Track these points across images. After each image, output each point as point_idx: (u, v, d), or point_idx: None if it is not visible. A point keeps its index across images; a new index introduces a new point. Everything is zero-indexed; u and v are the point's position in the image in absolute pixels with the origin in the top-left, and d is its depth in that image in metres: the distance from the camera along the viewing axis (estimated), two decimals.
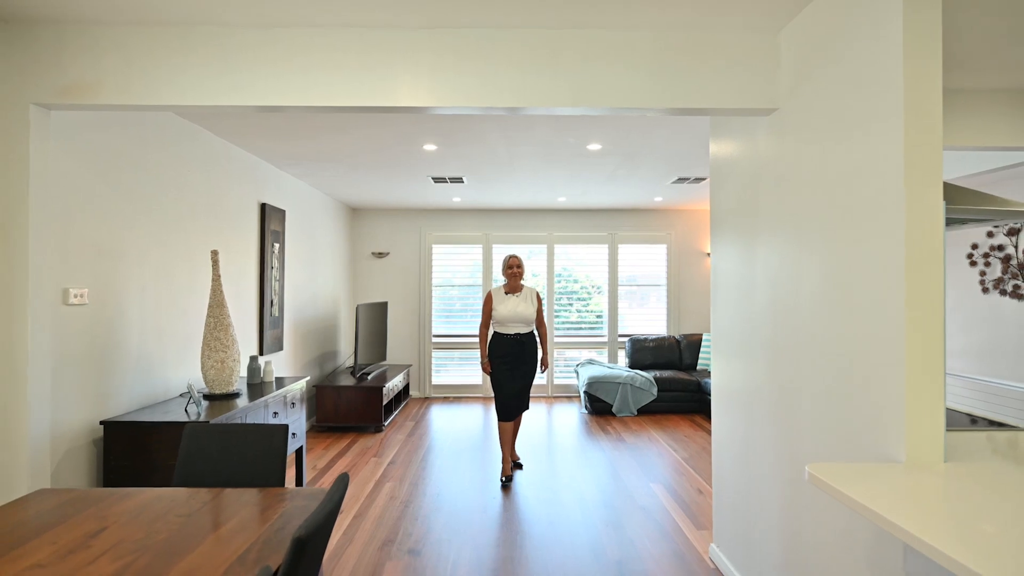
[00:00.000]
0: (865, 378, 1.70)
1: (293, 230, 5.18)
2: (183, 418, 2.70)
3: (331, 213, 6.36)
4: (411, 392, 7.29)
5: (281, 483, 1.96)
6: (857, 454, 1.72)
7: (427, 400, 7.11)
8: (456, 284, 7.35)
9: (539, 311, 4.17)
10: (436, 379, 7.34)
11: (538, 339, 4.20)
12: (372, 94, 2.25)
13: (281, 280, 4.82)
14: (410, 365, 6.96)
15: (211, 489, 1.79)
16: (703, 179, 5.31)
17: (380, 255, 7.25)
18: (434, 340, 7.32)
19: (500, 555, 2.95)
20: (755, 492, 2.45)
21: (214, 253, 3.22)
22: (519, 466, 4.34)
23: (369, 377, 5.82)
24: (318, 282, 5.90)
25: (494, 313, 4.09)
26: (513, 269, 4.14)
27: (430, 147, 4.11)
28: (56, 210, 2.49)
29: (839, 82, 1.85)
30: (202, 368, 3.15)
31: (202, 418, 2.71)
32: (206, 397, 3.15)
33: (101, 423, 2.64)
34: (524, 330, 4.07)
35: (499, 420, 4.08)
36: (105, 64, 2.22)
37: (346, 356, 6.89)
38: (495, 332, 4.10)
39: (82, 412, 2.63)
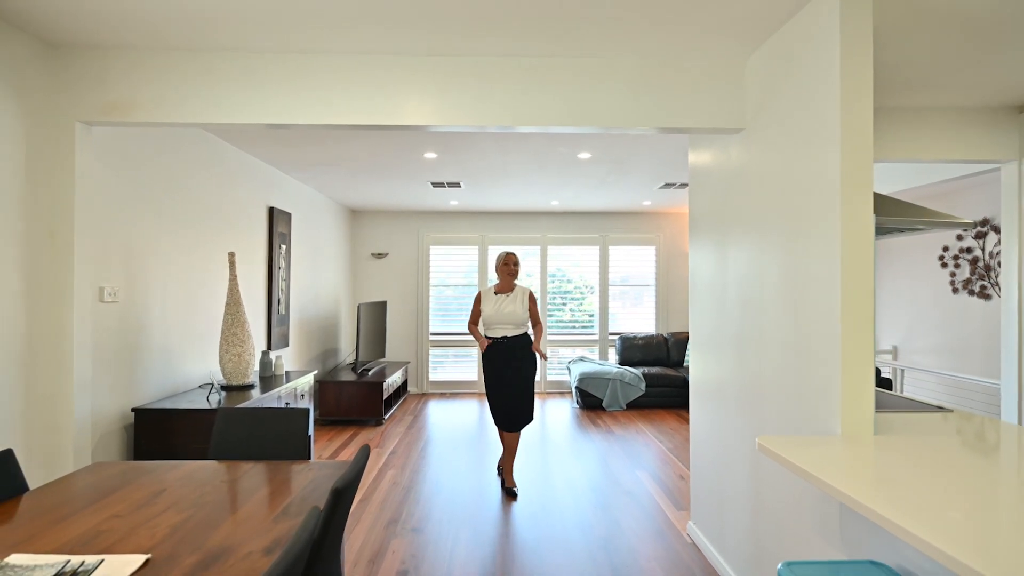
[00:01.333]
0: (811, 367, 1.97)
1: (298, 232, 5.42)
2: (204, 406, 2.96)
3: (333, 215, 6.61)
4: (409, 388, 7.54)
5: (306, 459, 2.22)
6: (807, 432, 2.00)
7: (424, 396, 7.37)
8: (453, 284, 7.61)
9: (533, 312, 3.92)
10: (433, 376, 7.60)
11: (532, 337, 3.95)
12: (382, 114, 2.51)
13: (288, 280, 5.07)
14: (408, 362, 7.21)
15: (247, 461, 2.05)
16: (687, 185, 5.59)
17: (379, 256, 7.50)
18: (431, 338, 7.57)
19: (497, 532, 3.22)
20: (726, 473, 2.73)
21: (231, 255, 3.47)
22: (513, 494, 3.81)
23: (369, 373, 6.07)
24: (320, 282, 6.15)
25: (482, 313, 3.89)
26: (510, 267, 3.90)
27: (430, 155, 4.37)
28: (94, 215, 2.74)
29: (792, 106, 2.13)
30: (220, 361, 3.40)
31: (223, 406, 2.96)
32: (223, 388, 3.39)
33: (132, 410, 2.89)
34: (512, 332, 3.82)
35: (498, 428, 3.92)
36: (143, 85, 2.47)
37: (346, 353, 7.14)
38: (484, 335, 3.90)
39: (115, 400, 2.88)
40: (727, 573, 2.66)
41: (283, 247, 4.96)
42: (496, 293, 3.92)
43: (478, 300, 3.97)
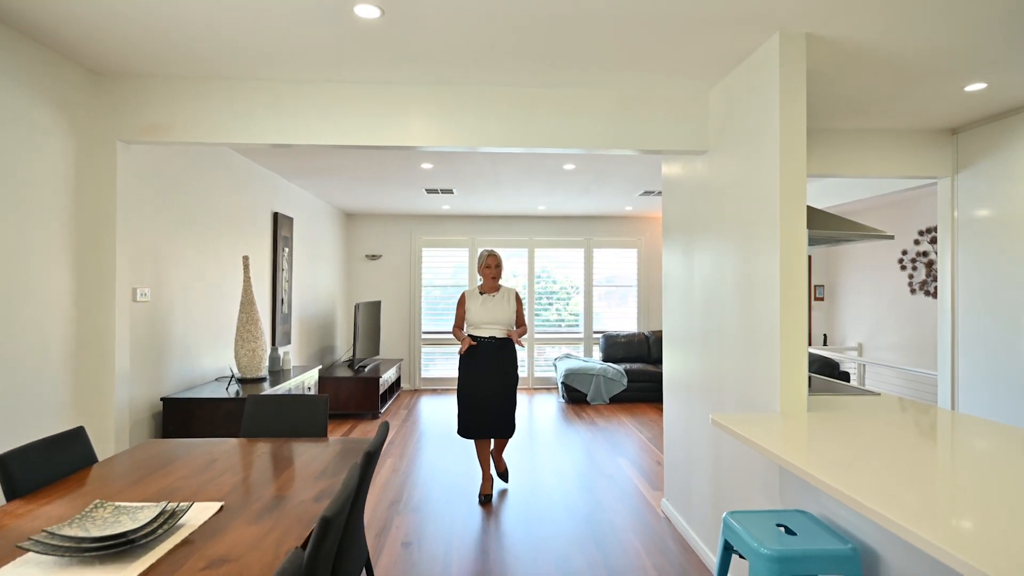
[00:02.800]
0: (758, 357, 2.35)
1: (299, 236, 5.72)
2: (223, 396, 3.26)
3: (329, 219, 6.91)
4: (402, 384, 7.86)
5: (324, 439, 2.54)
6: (755, 412, 2.38)
7: (417, 392, 7.69)
8: (444, 284, 7.94)
9: (519, 313, 3.78)
10: (425, 372, 7.92)
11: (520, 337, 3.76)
12: (391, 136, 2.84)
13: (290, 281, 5.37)
14: (401, 359, 7.52)
15: (277, 439, 2.37)
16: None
17: (373, 257, 7.81)
18: (423, 336, 7.89)
19: (489, 511, 3.57)
20: (693, 454, 3.10)
21: (245, 259, 3.77)
22: (503, 476, 3.92)
23: (366, 369, 6.38)
24: (319, 282, 6.44)
25: (467, 315, 3.72)
26: (491, 268, 3.72)
27: (427, 166, 4.70)
28: (129, 223, 3.03)
29: (744, 132, 2.50)
30: (235, 356, 3.70)
31: (240, 395, 3.27)
32: (238, 381, 3.69)
33: (161, 399, 3.19)
34: (500, 334, 3.67)
35: (459, 434, 3.70)
36: (179, 109, 2.77)
37: (341, 350, 7.43)
38: (469, 335, 3.72)
39: (144, 391, 3.17)
40: (693, 539, 3.03)
41: (286, 250, 5.26)
42: (481, 293, 3.75)
43: (462, 301, 3.77)
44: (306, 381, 4.21)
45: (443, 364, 7.98)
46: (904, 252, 6.41)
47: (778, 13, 2.10)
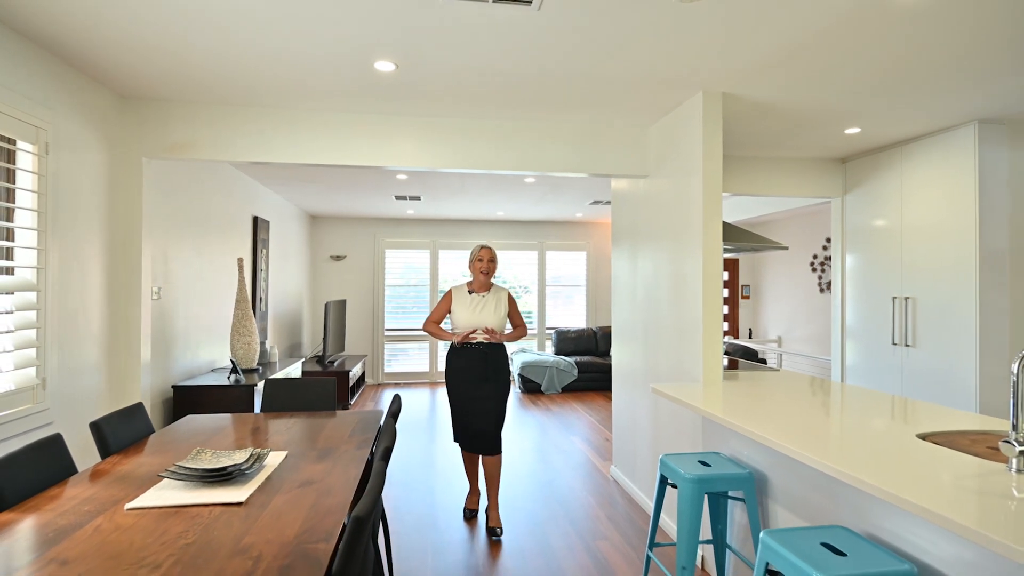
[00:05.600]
0: (686, 342, 3.01)
1: (273, 238, 6.05)
2: (227, 383, 3.65)
3: (297, 221, 7.23)
4: (367, 379, 8.24)
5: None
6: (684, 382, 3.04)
7: (381, 385, 8.10)
8: (407, 284, 8.39)
9: (515, 316, 3.40)
10: (388, 368, 8.34)
11: (511, 340, 3.37)
12: (386, 158, 3.34)
13: (267, 280, 5.70)
14: (365, 355, 7.92)
15: (298, 412, 2.83)
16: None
17: (338, 258, 8.15)
18: (386, 333, 8.31)
19: (463, 481, 4.11)
20: (638, 424, 3.75)
21: (240, 260, 4.15)
22: (497, 536, 3.19)
23: (334, 364, 6.76)
24: (288, 282, 6.77)
25: (452, 316, 3.31)
26: (484, 263, 3.30)
27: (402, 176, 5.18)
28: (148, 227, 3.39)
29: (677, 160, 3.16)
30: (232, 349, 4.08)
31: (243, 383, 3.67)
32: (240, 371, 4.07)
33: (172, 387, 3.56)
34: (490, 340, 3.26)
35: (456, 443, 3.27)
36: (199, 130, 3.17)
37: (307, 347, 7.75)
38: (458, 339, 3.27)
39: (158, 379, 3.53)
40: (638, 495, 3.68)
41: (264, 251, 5.60)
42: (471, 292, 3.34)
43: (448, 298, 3.36)
44: (292, 372, 4.61)
45: (405, 360, 8.42)
46: (815, 256, 7.39)
47: (701, 79, 2.75)
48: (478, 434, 3.26)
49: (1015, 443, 1.50)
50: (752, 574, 2.41)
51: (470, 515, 3.47)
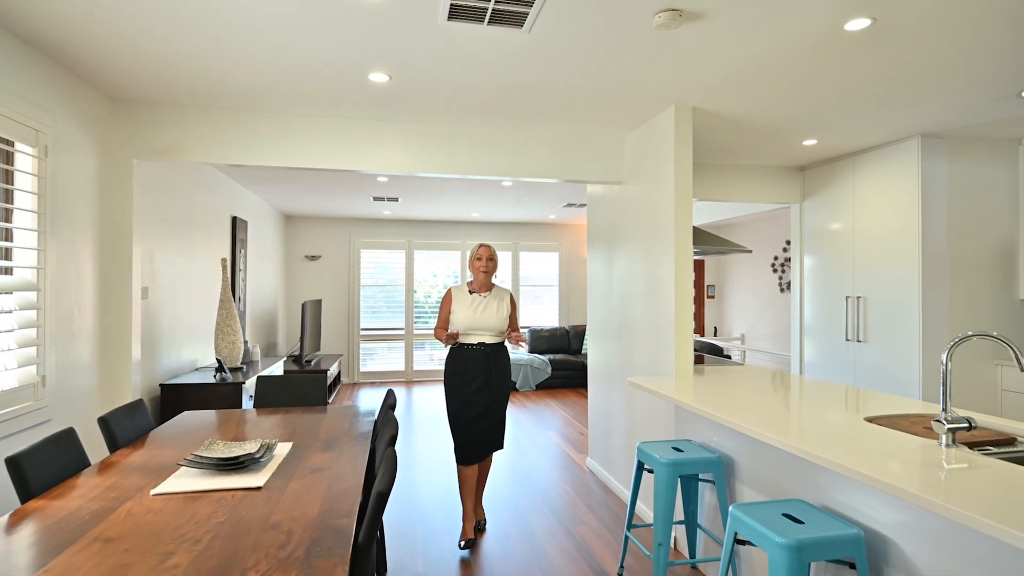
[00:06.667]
0: (659, 340, 3.23)
1: (251, 237, 6.06)
2: (213, 382, 3.71)
3: (273, 221, 7.23)
4: (342, 378, 8.28)
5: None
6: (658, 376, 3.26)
7: (356, 384, 8.15)
8: (382, 284, 8.46)
9: (513, 319, 3.23)
10: (363, 367, 8.40)
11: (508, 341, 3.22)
12: (374, 162, 3.46)
13: (245, 280, 5.72)
14: (341, 355, 7.96)
15: (293, 408, 2.93)
16: (585, 205, 6.93)
17: (312, 258, 8.17)
18: (362, 333, 8.36)
19: (446, 472, 4.25)
20: (613, 416, 3.96)
21: (224, 260, 4.20)
22: (480, 528, 3.28)
23: (311, 364, 6.80)
24: (265, 282, 6.78)
25: (452, 317, 3.15)
26: (484, 262, 3.16)
27: (383, 179, 5.29)
28: (139, 228, 3.43)
29: (650, 168, 3.38)
30: (216, 348, 4.13)
31: (230, 381, 3.74)
32: (227, 370, 4.12)
33: (160, 385, 3.60)
34: (491, 340, 3.12)
35: (457, 463, 3.14)
36: (189, 133, 3.24)
37: (283, 346, 7.75)
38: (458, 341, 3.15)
39: (145, 378, 3.56)
40: (613, 483, 3.90)
41: (243, 251, 5.62)
42: (471, 292, 3.20)
43: (448, 300, 3.22)
44: (274, 371, 4.67)
45: (380, 359, 8.49)
46: (775, 258, 7.78)
47: (674, 94, 2.98)
48: (484, 439, 3.11)
49: (944, 422, 1.75)
50: (720, 550, 2.64)
51: (466, 545, 3.04)
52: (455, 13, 2.06)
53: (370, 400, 7.09)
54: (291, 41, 2.37)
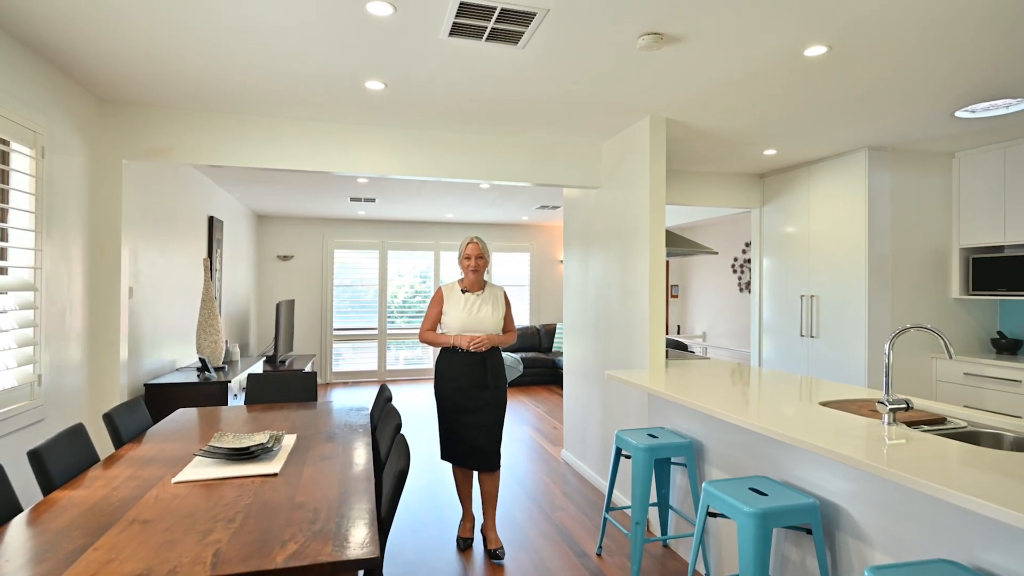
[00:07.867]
0: (634, 336, 3.45)
1: (226, 237, 6.05)
2: (197, 381, 3.76)
3: (245, 221, 7.19)
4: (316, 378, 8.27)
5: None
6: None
7: (329, 384, 8.17)
8: (355, 284, 8.49)
9: (508, 319, 3.08)
10: (336, 367, 8.41)
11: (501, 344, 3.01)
12: (361, 166, 3.58)
13: (221, 280, 5.71)
14: (314, 355, 7.96)
15: (287, 404, 3.02)
16: (558, 207, 7.15)
17: (285, 258, 8.14)
18: (335, 333, 8.38)
19: (430, 465, 4.39)
20: (589, 409, 4.18)
21: (205, 260, 4.22)
22: (497, 555, 2.92)
23: (285, 364, 6.81)
24: (238, 282, 6.75)
25: (444, 319, 2.97)
26: (471, 260, 2.98)
27: (363, 180, 5.37)
28: (127, 229, 3.45)
29: (626, 174, 3.60)
30: (199, 348, 4.15)
31: (214, 380, 3.79)
32: (211, 369, 4.16)
33: (144, 385, 3.62)
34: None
35: (441, 457, 3.01)
36: (178, 134, 3.29)
37: (255, 347, 7.70)
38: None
39: (130, 377, 3.58)
40: (588, 473, 4.11)
41: (219, 251, 5.61)
42: (464, 292, 3.03)
43: (438, 300, 3.03)
44: (255, 370, 4.71)
45: (353, 359, 8.52)
46: (735, 259, 8.17)
47: (649, 106, 3.20)
48: (475, 449, 2.90)
49: (886, 404, 2.01)
50: (691, 529, 2.87)
51: (465, 545, 3.02)
52: (457, 30, 2.22)
53: (341, 400, 7.13)
54: (291, 49, 2.48)
